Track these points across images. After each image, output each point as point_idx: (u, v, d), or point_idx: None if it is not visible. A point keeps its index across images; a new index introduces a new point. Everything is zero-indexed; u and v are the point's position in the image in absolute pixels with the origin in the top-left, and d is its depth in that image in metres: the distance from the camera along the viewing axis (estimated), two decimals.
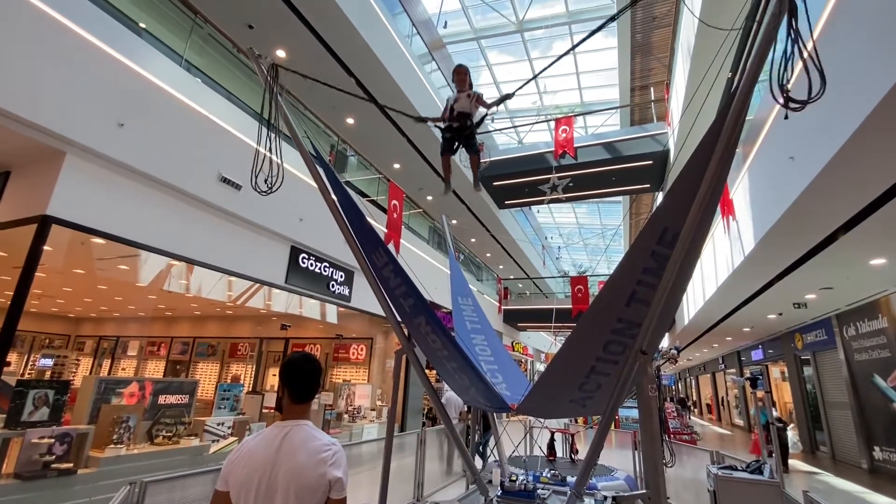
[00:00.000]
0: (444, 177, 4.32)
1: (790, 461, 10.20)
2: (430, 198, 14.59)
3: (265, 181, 3.50)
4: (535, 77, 3.97)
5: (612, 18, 3.36)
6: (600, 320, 3.27)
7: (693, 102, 8.00)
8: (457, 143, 3.85)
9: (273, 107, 3.31)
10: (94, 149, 4.55)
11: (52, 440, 4.17)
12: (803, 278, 7.45)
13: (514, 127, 15.97)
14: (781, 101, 2.05)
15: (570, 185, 13.29)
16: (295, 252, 7.41)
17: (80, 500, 4.22)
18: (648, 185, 13.81)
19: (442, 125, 3.91)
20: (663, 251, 2.93)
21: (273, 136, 3.48)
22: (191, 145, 5.67)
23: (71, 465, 4.26)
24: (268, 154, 3.54)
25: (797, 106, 1.97)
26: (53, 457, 4.15)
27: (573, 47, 3.65)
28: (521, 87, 4.12)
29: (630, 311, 3.14)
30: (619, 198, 21.65)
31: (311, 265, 7.76)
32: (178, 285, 8.32)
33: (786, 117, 2.11)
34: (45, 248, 4.66)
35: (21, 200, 4.61)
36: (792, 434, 10.74)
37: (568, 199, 14.92)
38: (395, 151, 12.04)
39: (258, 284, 7.74)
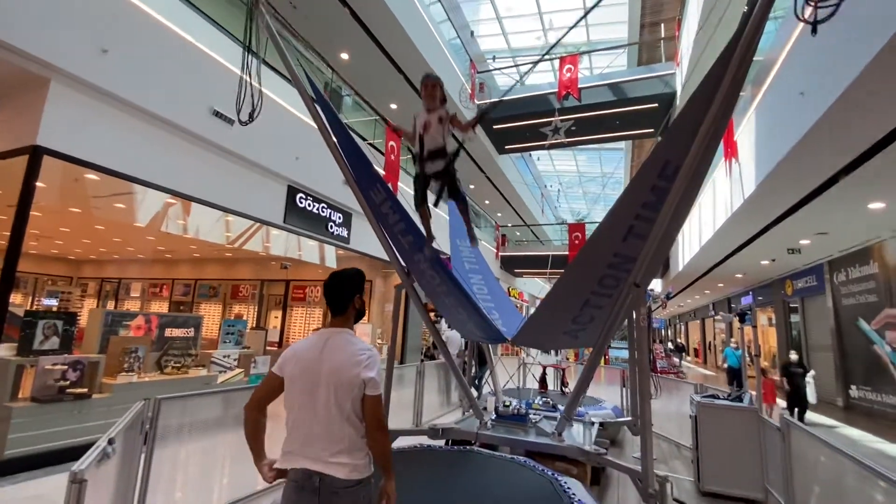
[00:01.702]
0: (425, 229, 3.47)
1: (808, 414, 8.15)
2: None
3: (249, 113, 3.25)
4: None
5: None
6: (597, 255, 3.31)
7: (704, 38, 7.64)
8: (437, 189, 3.04)
9: (253, 24, 3.06)
10: (78, 76, 4.37)
11: (66, 366, 4.34)
12: (800, 222, 7.49)
13: (516, 66, 15.29)
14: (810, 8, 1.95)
15: (573, 128, 12.97)
16: (292, 191, 7.35)
17: (97, 421, 4.46)
18: (652, 130, 13.49)
19: (414, 166, 3.03)
20: (663, 185, 2.92)
21: (253, 59, 3.21)
22: (180, 76, 5.44)
23: (85, 389, 4.48)
24: (248, 80, 3.31)
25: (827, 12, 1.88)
26: (68, 382, 4.35)
27: None
28: (506, 93, 3.69)
29: (626, 245, 3.17)
30: (621, 145, 21.23)
31: (309, 205, 7.72)
32: (177, 226, 8.30)
33: (813, 30, 2.02)
34: (39, 184, 4.59)
35: (10, 132, 4.49)
36: (811, 382, 8.67)
37: (570, 144, 14.61)
38: (392, 90, 11.61)
39: (257, 225, 7.74)
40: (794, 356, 8.24)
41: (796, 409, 7.73)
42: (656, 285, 18.11)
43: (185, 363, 5.55)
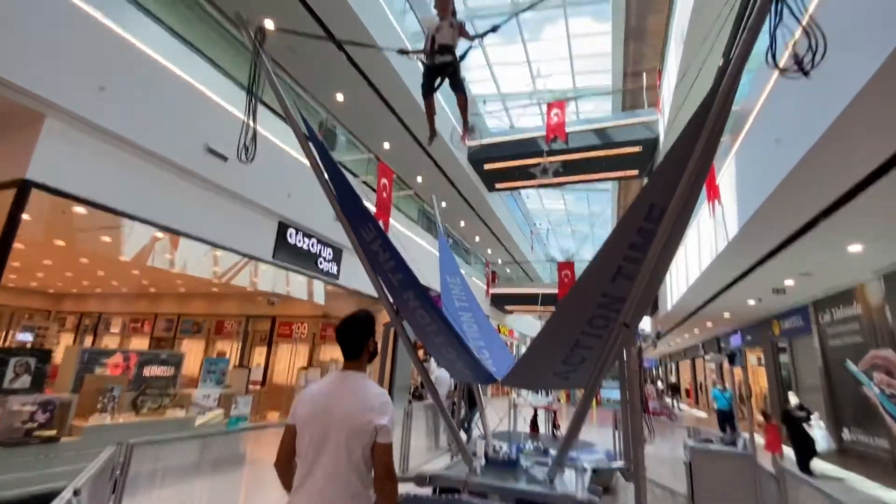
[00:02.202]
0: (429, 122, 3.99)
1: (815, 462, 7.63)
2: (419, 178, 14.51)
3: (244, 149, 3.35)
4: (524, 9, 3.87)
5: None
6: (586, 295, 3.33)
7: (683, 90, 8.04)
8: (439, 81, 3.53)
9: (257, 72, 3.19)
10: (74, 112, 4.42)
11: (35, 407, 4.13)
12: (784, 264, 7.64)
13: (506, 110, 15.86)
14: (793, 65, 2.06)
15: (561, 169, 13.32)
16: (283, 227, 7.34)
17: (63, 467, 4.21)
18: (637, 172, 13.91)
19: (424, 59, 3.58)
20: (650, 227, 2.99)
21: (253, 101, 3.32)
22: (177, 114, 5.54)
23: (54, 432, 4.24)
24: (250, 123, 3.40)
25: (803, 69, 1.99)
26: (36, 424, 4.13)
27: None
28: (507, 20, 3.93)
29: (615, 286, 3.20)
30: (608, 186, 21.79)
31: (300, 241, 7.71)
32: (163, 260, 8.19)
33: (806, 74, 2.14)
34: (24, 216, 4.53)
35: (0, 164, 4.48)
36: (817, 426, 7.70)
37: (558, 184, 14.96)
38: (384, 130, 11.90)
39: (245, 260, 7.67)
40: (794, 400, 7.61)
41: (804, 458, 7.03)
42: (646, 324, 18.14)
43: (162, 403, 5.32)
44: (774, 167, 4.83)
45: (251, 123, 3.48)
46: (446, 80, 3.61)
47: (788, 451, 7.83)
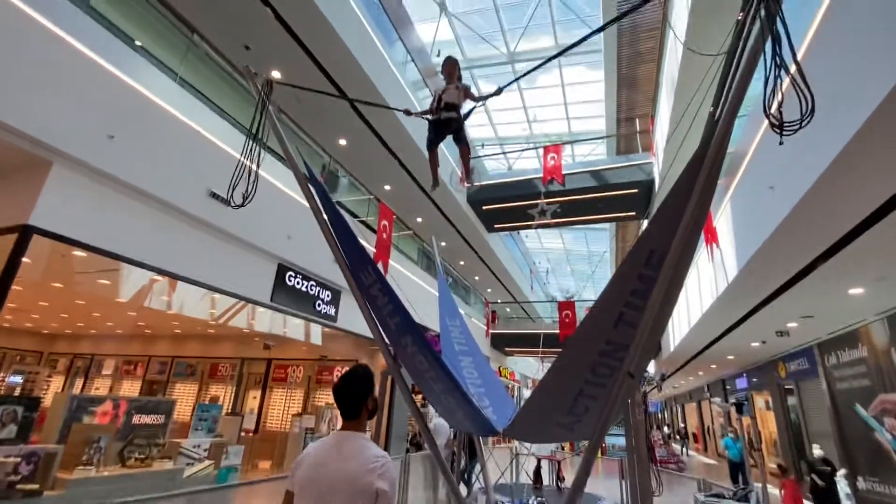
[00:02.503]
0: (432, 172, 4.20)
1: None
2: (419, 219, 14.66)
3: (242, 194, 3.36)
4: (531, 71, 4.01)
5: (596, 31, 3.48)
6: (588, 342, 3.27)
7: (676, 134, 8.28)
8: (444, 135, 3.76)
9: (263, 121, 3.30)
10: (82, 160, 4.52)
11: (19, 459, 3.97)
12: (785, 306, 7.58)
13: (504, 153, 16.27)
14: (775, 123, 2.12)
15: (558, 210, 13.51)
16: (282, 270, 7.34)
17: None
18: (634, 213, 14.10)
19: (430, 117, 3.80)
20: (650, 273, 2.98)
21: (257, 148, 3.39)
22: (181, 160, 5.66)
23: (37, 486, 4.05)
24: (251, 166, 3.44)
25: (789, 130, 2.04)
26: (19, 477, 3.95)
27: (560, 53, 3.75)
28: (509, 84, 4.13)
29: (618, 332, 3.15)
30: (606, 225, 22.03)
31: (298, 283, 7.68)
32: (160, 302, 8.13)
33: (780, 143, 2.19)
34: (24, 259, 4.54)
35: (2, 209, 4.52)
36: (844, 483, 7.02)
37: (556, 225, 15.14)
38: (385, 173, 12.15)
39: (242, 302, 7.62)
40: (818, 451, 6.97)
41: None
42: (650, 367, 17.77)
43: (149, 454, 5.11)
44: (770, 212, 4.89)
45: (254, 167, 3.52)
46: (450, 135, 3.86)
47: None
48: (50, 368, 13.27)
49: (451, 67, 3.68)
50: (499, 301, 23.55)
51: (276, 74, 8.74)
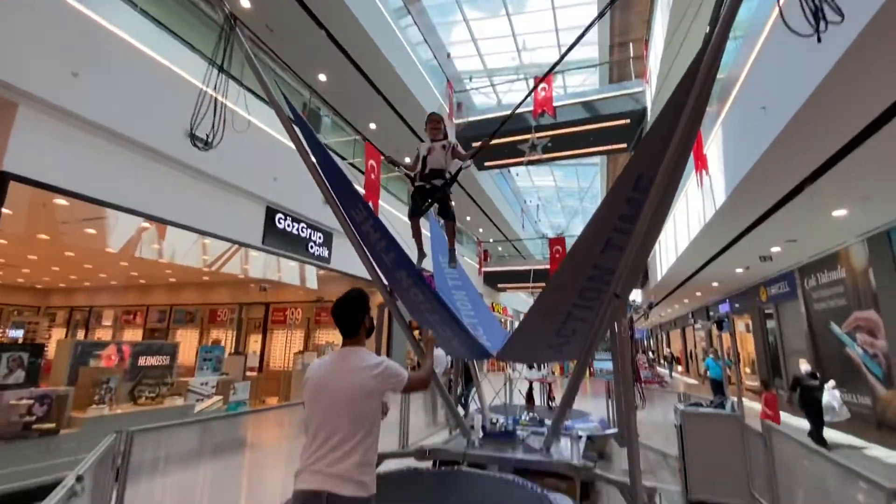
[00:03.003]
0: (416, 243, 3.80)
1: (830, 433, 7.13)
2: (407, 160, 14.36)
3: (207, 134, 3.23)
4: None
5: None
6: (577, 267, 3.36)
7: (670, 56, 7.97)
8: (428, 204, 3.39)
9: (228, 48, 3.07)
10: (47, 100, 4.28)
11: (32, 401, 4.13)
12: (770, 231, 7.75)
13: (493, 85, 15.63)
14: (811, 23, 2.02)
15: (549, 144, 13.26)
16: (271, 212, 7.26)
17: (65, 458, 4.23)
18: (625, 145, 13.89)
19: (413, 177, 3.42)
20: (638, 197, 3.01)
21: (223, 80, 3.19)
22: (153, 98, 5.38)
23: (53, 425, 4.25)
24: (216, 96, 3.26)
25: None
26: (34, 417, 4.13)
27: None
28: (495, 133, 3.79)
29: (605, 257, 3.23)
30: (597, 160, 21.78)
31: (289, 226, 7.64)
32: (151, 251, 8.10)
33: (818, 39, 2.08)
34: (5, 210, 4.43)
35: None
36: (829, 394, 6.77)
37: (547, 160, 14.93)
38: (370, 111, 11.70)
39: (234, 247, 7.62)
40: (805, 367, 6.92)
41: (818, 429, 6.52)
42: (636, 296, 18.39)
43: (160, 393, 5.33)
44: (760, 134, 4.86)
45: (220, 99, 3.36)
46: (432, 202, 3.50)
47: (786, 420, 7.72)
48: (49, 321, 13.45)
49: (435, 124, 3.36)
50: (491, 240, 23.75)
51: (245, 3, 8.12)
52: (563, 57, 3.12)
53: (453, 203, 3.38)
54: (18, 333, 10.29)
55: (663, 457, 6.08)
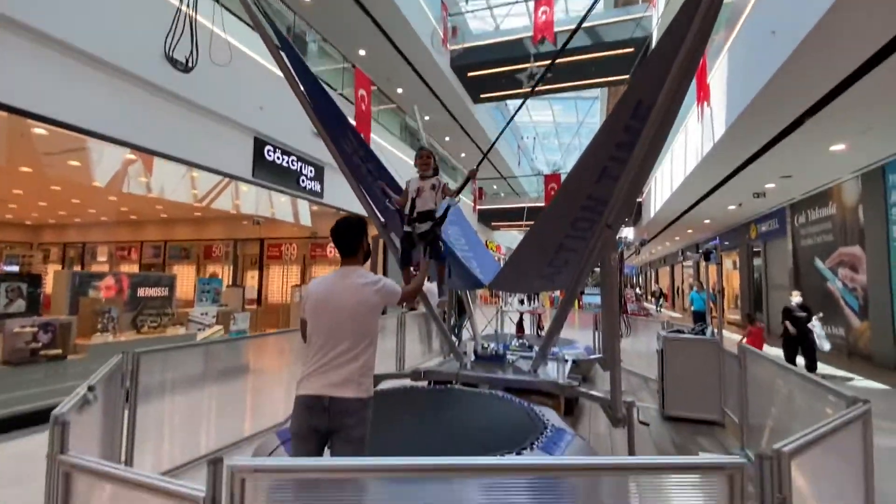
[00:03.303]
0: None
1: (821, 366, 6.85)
2: (399, 90, 13.76)
3: (186, 57, 3.03)
4: None
5: None
6: (571, 197, 3.36)
7: None
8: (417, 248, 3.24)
9: None
10: (15, 18, 3.97)
11: (36, 329, 4.24)
12: (766, 166, 7.70)
13: (490, 8, 14.62)
14: None
15: (549, 75, 12.68)
16: (259, 144, 7.05)
17: (75, 381, 4.43)
18: (629, 76, 13.33)
19: (402, 213, 3.26)
20: (637, 125, 2.94)
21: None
22: (131, 19, 5.00)
23: (60, 351, 4.40)
24: (189, 12, 3.04)
25: None
26: (40, 344, 4.26)
27: None
28: (481, 161, 3.52)
29: (600, 187, 3.22)
30: (597, 93, 20.99)
31: (279, 158, 7.46)
32: (139, 185, 7.92)
33: None
34: None
35: None
36: (819, 326, 6.59)
37: (546, 92, 14.36)
38: (359, 35, 11.01)
39: (224, 181, 7.46)
40: (796, 298, 6.66)
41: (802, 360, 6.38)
42: (629, 233, 18.57)
43: (161, 322, 5.49)
44: (768, 60, 4.68)
45: (201, 18, 3.15)
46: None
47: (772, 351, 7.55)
48: (43, 256, 13.45)
49: (425, 159, 3.21)
50: (486, 178, 23.43)
51: None
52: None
53: (444, 244, 3.30)
54: (13, 268, 10.32)
55: (644, 380, 6.48)
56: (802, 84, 4.73)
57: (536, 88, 13.05)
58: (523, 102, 4.83)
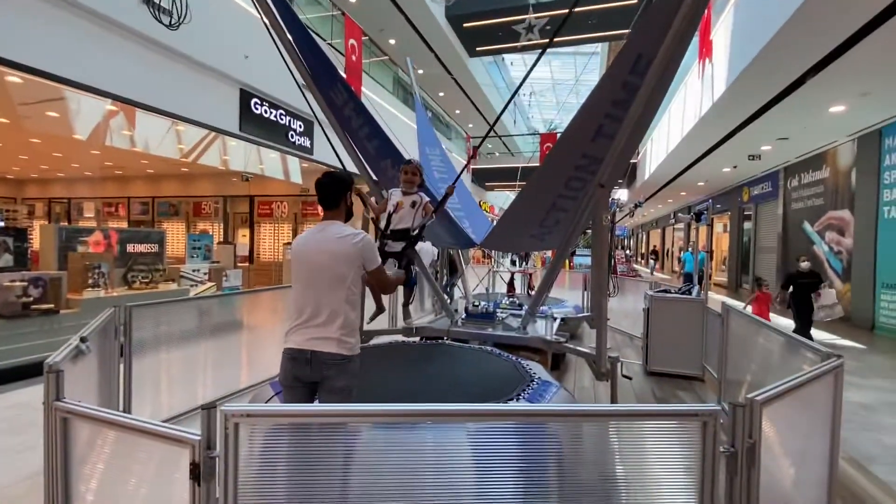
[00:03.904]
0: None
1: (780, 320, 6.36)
2: (392, 41, 13.19)
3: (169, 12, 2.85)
4: None
5: None
6: (565, 156, 3.31)
7: None
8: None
9: None
10: None
11: (25, 283, 4.22)
12: (763, 127, 7.62)
13: None
14: None
15: (548, 27, 12.19)
16: (245, 96, 6.80)
17: (68, 335, 4.46)
18: (630, 31, 12.85)
19: (377, 223, 3.08)
20: (635, 81, 2.86)
21: None
22: None
23: (52, 305, 4.41)
24: None
25: None
26: (31, 298, 4.26)
27: None
28: (483, 141, 3.28)
29: (595, 145, 3.17)
30: (598, 48, 20.27)
31: (266, 112, 7.22)
32: (122, 138, 7.67)
33: None
34: None
35: None
36: (833, 295, 5.65)
37: (544, 45, 13.84)
38: None
39: (211, 136, 7.25)
40: (804, 264, 5.93)
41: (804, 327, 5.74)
42: (622, 195, 18.55)
43: (153, 278, 5.48)
44: (775, 14, 4.52)
45: None
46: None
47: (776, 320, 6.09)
48: (27, 212, 13.18)
49: (412, 175, 3.06)
50: (480, 137, 22.98)
51: None
52: None
53: (415, 268, 3.15)
54: None
55: (630, 338, 6.68)
56: (808, 40, 4.61)
57: (535, 42, 12.58)
58: (539, 58, 4.64)
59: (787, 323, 5.76)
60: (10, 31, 4.08)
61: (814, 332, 5.85)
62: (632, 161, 14.95)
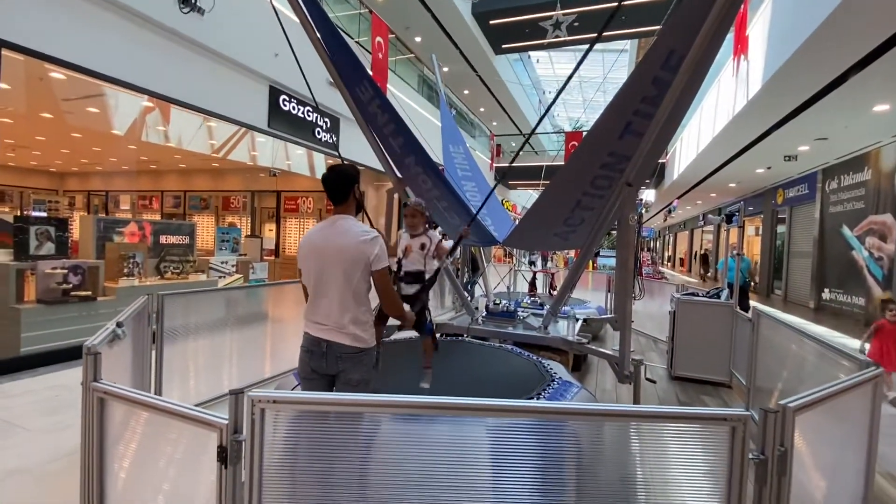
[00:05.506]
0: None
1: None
2: (418, 39, 13.22)
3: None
4: None
5: None
6: (592, 154, 3.26)
7: None
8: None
9: None
10: None
11: (66, 270, 4.42)
12: (802, 127, 7.32)
13: None
14: None
15: (576, 24, 12.00)
16: (275, 93, 6.94)
17: (105, 321, 4.66)
18: (662, 26, 12.54)
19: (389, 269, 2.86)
20: (666, 77, 2.79)
21: None
22: None
23: (90, 292, 4.61)
24: None
25: None
26: (71, 285, 4.46)
27: None
28: (517, 153, 3.25)
29: (623, 143, 3.11)
30: (627, 46, 19.84)
31: (294, 108, 7.35)
32: (157, 134, 7.96)
33: None
34: (3, 85, 4.26)
35: None
36: None
37: (572, 42, 13.62)
38: None
39: (241, 132, 7.44)
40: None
41: None
42: (650, 196, 18.13)
43: (184, 269, 5.66)
44: (816, 8, 4.33)
45: None
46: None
47: None
48: (68, 203, 13.81)
49: (411, 218, 2.90)
50: (504, 134, 22.83)
51: None
52: None
53: (431, 315, 2.91)
54: (41, 213, 10.64)
55: (654, 341, 6.54)
56: (851, 35, 4.39)
57: (563, 39, 12.41)
58: (581, 59, 4.58)
59: None
60: (52, 28, 4.27)
61: (843, 339, 5.41)
62: (660, 161, 14.58)
